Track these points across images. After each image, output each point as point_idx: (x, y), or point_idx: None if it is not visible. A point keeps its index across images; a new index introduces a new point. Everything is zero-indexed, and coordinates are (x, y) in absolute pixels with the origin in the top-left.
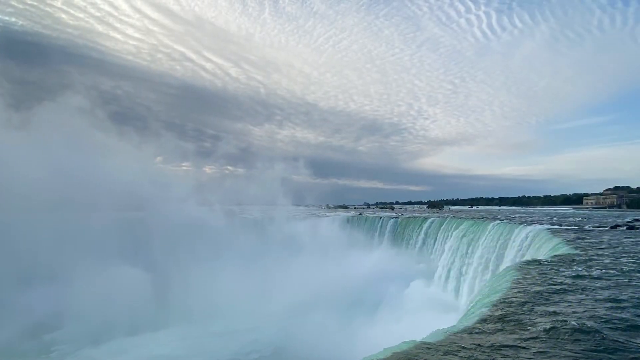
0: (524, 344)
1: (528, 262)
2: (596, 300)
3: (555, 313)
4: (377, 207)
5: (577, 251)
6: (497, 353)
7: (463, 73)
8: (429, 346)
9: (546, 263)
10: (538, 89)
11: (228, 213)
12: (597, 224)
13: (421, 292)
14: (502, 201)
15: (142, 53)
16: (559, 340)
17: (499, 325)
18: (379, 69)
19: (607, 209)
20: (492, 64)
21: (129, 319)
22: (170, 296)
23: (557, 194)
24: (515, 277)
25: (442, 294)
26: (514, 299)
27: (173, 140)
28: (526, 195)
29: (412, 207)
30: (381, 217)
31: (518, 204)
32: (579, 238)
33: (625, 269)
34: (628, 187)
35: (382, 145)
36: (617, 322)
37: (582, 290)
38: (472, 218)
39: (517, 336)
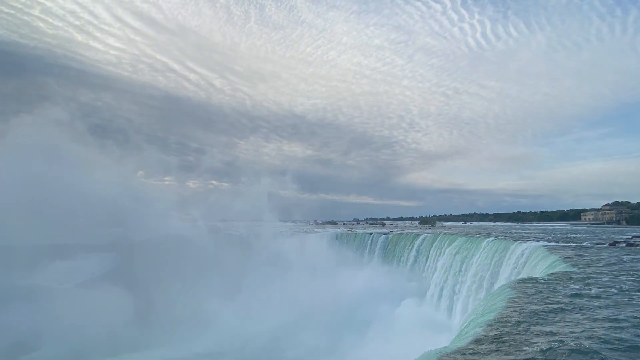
0: None
1: (524, 280)
2: (594, 320)
3: (552, 333)
4: (367, 223)
5: (574, 269)
6: None
7: (456, 84)
8: None
9: (543, 281)
10: (534, 101)
11: (212, 229)
12: (596, 241)
13: (413, 312)
14: (497, 217)
15: (124, 63)
16: None
17: (493, 346)
18: (369, 80)
19: (605, 225)
20: (486, 74)
21: (109, 339)
22: (152, 316)
23: (554, 210)
24: (511, 296)
25: (434, 314)
26: (509, 319)
27: (155, 153)
28: (522, 211)
29: (404, 223)
30: (371, 234)
31: (513, 219)
32: (576, 255)
33: (625, 287)
34: (627, 203)
35: (373, 159)
36: (616, 342)
37: (580, 309)
38: (466, 234)
39: (512, 357)
